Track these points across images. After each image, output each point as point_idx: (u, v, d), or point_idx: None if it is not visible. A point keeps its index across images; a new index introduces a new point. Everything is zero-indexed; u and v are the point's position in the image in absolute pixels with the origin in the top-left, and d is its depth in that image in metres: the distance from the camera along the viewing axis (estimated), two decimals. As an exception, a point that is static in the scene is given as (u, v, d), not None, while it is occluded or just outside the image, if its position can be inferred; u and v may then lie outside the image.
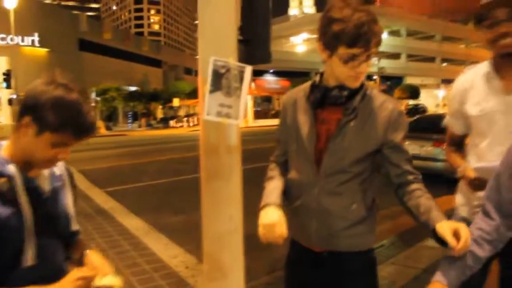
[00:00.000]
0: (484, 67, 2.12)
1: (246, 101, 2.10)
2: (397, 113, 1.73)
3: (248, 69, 2.07)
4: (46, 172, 1.52)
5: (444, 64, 72.04)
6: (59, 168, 1.60)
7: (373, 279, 1.86)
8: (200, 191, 2.41)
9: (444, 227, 1.48)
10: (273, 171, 1.94)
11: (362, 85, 1.74)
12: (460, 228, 1.46)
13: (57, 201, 1.55)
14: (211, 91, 2.07)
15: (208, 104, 2.06)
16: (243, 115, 2.10)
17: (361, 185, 1.75)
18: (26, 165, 1.42)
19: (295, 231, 1.88)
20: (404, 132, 1.75)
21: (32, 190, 1.44)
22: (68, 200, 1.60)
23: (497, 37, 1.95)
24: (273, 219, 1.69)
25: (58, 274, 1.44)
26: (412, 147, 9.29)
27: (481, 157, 2.07)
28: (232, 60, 2.09)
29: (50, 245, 1.49)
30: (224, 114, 2.07)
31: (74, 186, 1.69)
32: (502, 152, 2.01)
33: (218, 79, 2.07)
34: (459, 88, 2.19)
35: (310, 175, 1.77)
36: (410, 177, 1.72)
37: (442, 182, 5.21)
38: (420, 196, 1.66)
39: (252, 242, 2.13)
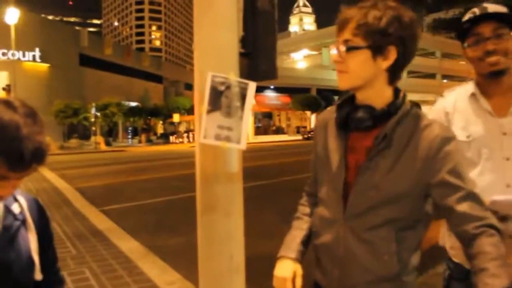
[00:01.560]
0: (467, 88, 1.93)
1: (249, 122, 1.83)
2: (440, 140, 1.37)
3: (252, 86, 1.78)
4: None
5: (445, 81, 72.16)
6: (20, 204, 1.34)
7: None
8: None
9: None
10: (303, 208, 1.72)
11: (398, 107, 1.43)
12: None
13: (11, 243, 1.27)
14: (209, 111, 1.79)
15: (206, 125, 1.77)
16: (245, 139, 1.83)
17: (397, 233, 1.40)
18: None
19: (317, 273, 1.61)
20: (454, 163, 1.37)
21: None
22: (29, 243, 1.32)
23: (483, 55, 1.79)
24: (286, 274, 1.54)
25: None
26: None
27: None
28: (233, 76, 1.81)
29: None
30: (223, 137, 1.79)
31: (46, 223, 1.43)
32: (495, 181, 1.77)
33: (217, 97, 1.79)
34: (440, 113, 1.97)
35: (337, 213, 1.49)
36: (469, 226, 1.31)
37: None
38: (476, 256, 1.28)
39: (256, 267, 1.89)
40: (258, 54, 2.14)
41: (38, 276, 1.33)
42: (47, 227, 1.43)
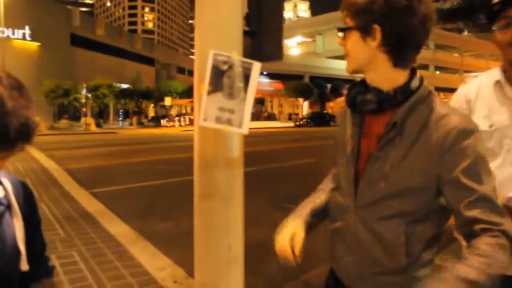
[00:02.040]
0: (492, 74, 1.80)
1: (252, 105, 1.72)
2: (458, 132, 1.23)
3: (256, 66, 1.65)
4: None
5: (438, 72, 72.36)
6: (4, 187, 1.21)
7: None
8: (194, 208, 2.05)
9: None
10: (326, 183, 1.70)
11: (411, 92, 1.32)
12: None
13: None
14: (210, 92, 1.67)
15: (206, 107, 1.65)
16: (248, 123, 1.71)
17: (407, 226, 1.31)
18: None
19: (331, 258, 1.57)
20: (471, 160, 1.22)
21: None
22: (14, 230, 1.20)
23: None
24: (285, 232, 1.50)
25: None
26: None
27: None
28: (236, 55, 1.70)
29: None
30: (224, 120, 1.67)
31: (33, 208, 1.31)
32: None
33: (219, 78, 1.67)
34: (461, 100, 1.85)
35: (348, 200, 1.42)
36: (476, 228, 1.20)
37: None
38: (466, 251, 1.19)
39: (248, 255, 1.81)
40: (263, 33, 2.01)
41: (25, 266, 1.22)
42: (35, 212, 1.31)
